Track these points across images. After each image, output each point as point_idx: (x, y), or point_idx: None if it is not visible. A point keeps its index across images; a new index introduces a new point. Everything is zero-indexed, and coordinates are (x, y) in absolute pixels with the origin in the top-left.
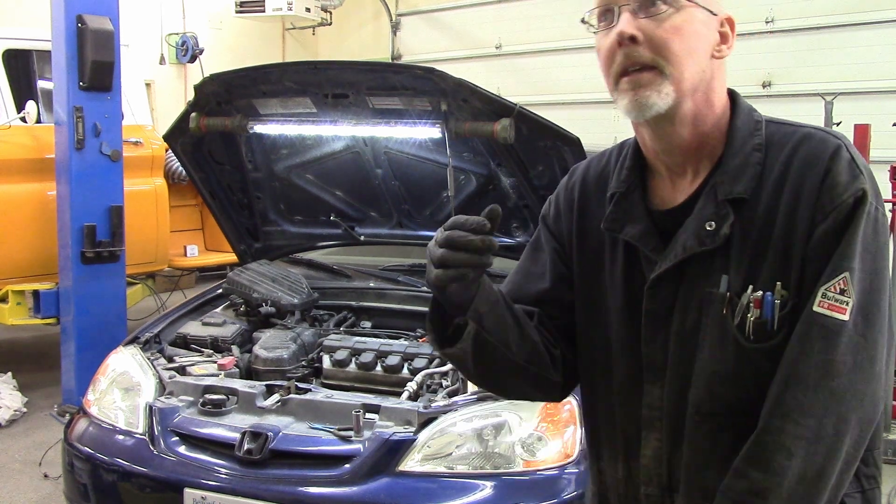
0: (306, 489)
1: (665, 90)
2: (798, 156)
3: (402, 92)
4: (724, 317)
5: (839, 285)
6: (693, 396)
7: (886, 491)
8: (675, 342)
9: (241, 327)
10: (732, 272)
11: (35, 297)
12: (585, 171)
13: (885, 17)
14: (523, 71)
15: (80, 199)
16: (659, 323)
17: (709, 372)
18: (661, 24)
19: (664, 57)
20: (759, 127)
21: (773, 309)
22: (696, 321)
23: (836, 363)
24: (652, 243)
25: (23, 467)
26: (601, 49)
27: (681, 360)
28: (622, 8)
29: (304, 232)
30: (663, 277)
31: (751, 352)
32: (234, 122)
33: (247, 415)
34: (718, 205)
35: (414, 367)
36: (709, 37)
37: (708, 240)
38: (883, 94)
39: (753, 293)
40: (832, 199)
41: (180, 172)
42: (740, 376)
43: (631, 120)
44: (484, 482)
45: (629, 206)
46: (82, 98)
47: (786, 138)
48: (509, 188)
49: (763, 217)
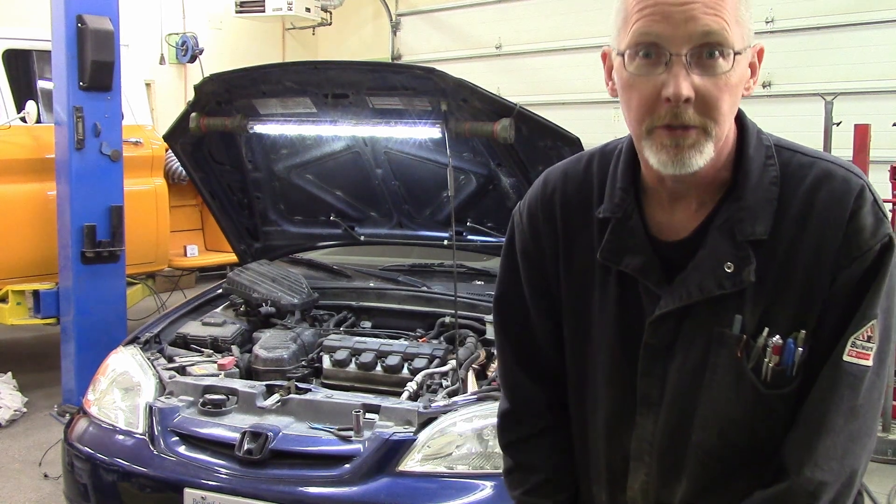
0: (306, 489)
1: (707, 149)
2: (820, 195)
3: (402, 92)
4: (737, 360)
5: (867, 333)
6: (699, 438)
7: (886, 491)
8: (676, 378)
9: (241, 327)
10: (747, 313)
11: (35, 297)
12: (563, 180)
13: (885, 17)
14: (523, 71)
15: (80, 199)
16: (658, 357)
17: (721, 417)
18: (716, 83)
19: (713, 119)
20: (770, 154)
21: (794, 357)
22: (701, 359)
23: (858, 407)
24: (656, 277)
25: (23, 467)
26: (636, 93)
27: (681, 396)
28: (675, 57)
29: (304, 232)
30: (669, 314)
31: (767, 397)
32: (234, 122)
33: (247, 415)
34: (738, 245)
35: (414, 367)
36: (746, 79)
37: (727, 283)
38: (883, 94)
39: (770, 337)
40: (859, 246)
41: (180, 172)
42: (754, 420)
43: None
44: (484, 482)
45: (627, 233)
46: (82, 98)
47: (802, 171)
48: (509, 188)
49: (782, 258)
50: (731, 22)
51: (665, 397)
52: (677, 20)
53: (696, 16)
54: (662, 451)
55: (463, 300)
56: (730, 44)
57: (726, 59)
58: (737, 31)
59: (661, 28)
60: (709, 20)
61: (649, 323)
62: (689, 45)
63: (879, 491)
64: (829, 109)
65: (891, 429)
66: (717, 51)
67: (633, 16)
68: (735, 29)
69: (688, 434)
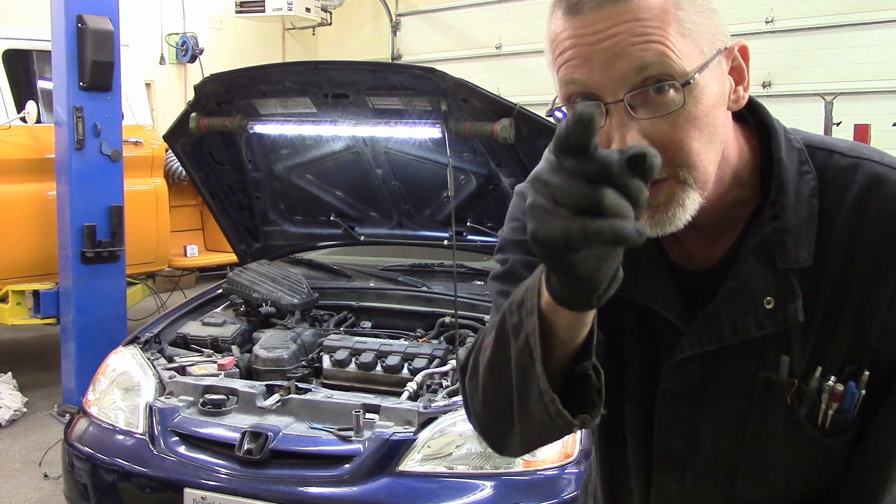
0: (306, 489)
1: (689, 200)
2: (870, 207)
3: (402, 92)
4: (788, 407)
5: None
6: (748, 497)
7: None
8: (711, 432)
9: (241, 327)
10: (796, 353)
11: (35, 297)
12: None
13: (885, 17)
14: (523, 71)
15: (80, 199)
16: (680, 406)
17: (775, 472)
18: (673, 122)
19: (684, 164)
20: (804, 159)
21: (857, 400)
22: (743, 410)
23: None
24: (677, 309)
25: (23, 467)
26: None
27: (718, 452)
28: (612, 105)
29: (304, 232)
30: (700, 356)
31: (827, 446)
32: (234, 122)
33: (247, 415)
34: (779, 275)
35: (414, 367)
36: (724, 93)
37: (768, 322)
38: (883, 94)
39: (824, 381)
40: None
41: (180, 172)
42: (812, 471)
43: None
44: (484, 482)
45: (642, 259)
46: (82, 98)
47: (844, 177)
48: (509, 188)
49: (832, 285)
50: (675, 41)
51: (696, 456)
52: (601, 61)
53: (623, 50)
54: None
55: (463, 300)
56: (676, 71)
57: (678, 90)
58: (686, 47)
59: (586, 75)
60: (638, 52)
61: (669, 365)
62: (624, 89)
63: None
64: (829, 109)
65: None
66: (662, 85)
67: (556, 61)
68: (683, 47)
69: (729, 495)
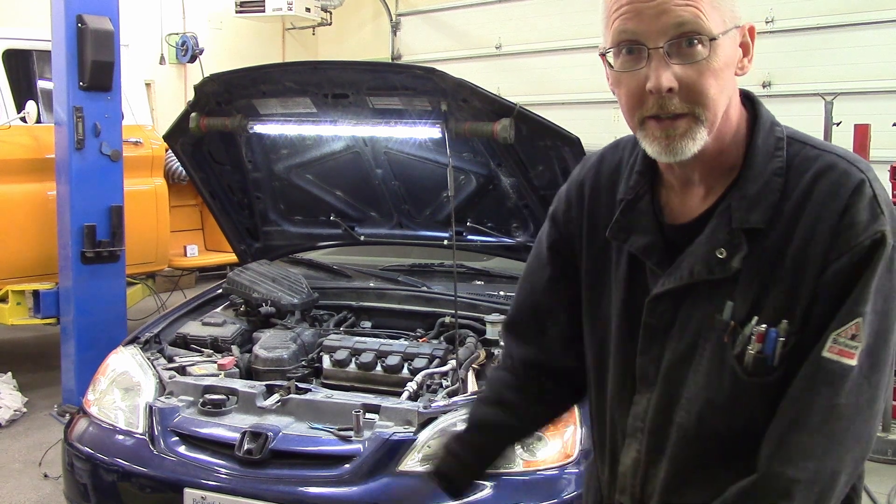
0: (306, 489)
1: (699, 135)
2: (818, 187)
3: (402, 92)
4: (724, 345)
5: (851, 331)
6: (681, 419)
7: (886, 491)
8: (669, 359)
9: (241, 327)
10: (738, 300)
11: (35, 297)
12: (598, 163)
13: (885, 17)
14: (523, 71)
15: (80, 199)
16: (657, 337)
17: (701, 399)
18: (698, 70)
19: (701, 104)
20: (780, 146)
21: (776, 345)
22: (693, 342)
23: (839, 407)
24: (657, 257)
25: (23, 467)
26: (624, 89)
27: (671, 377)
28: (652, 51)
29: (304, 232)
30: (665, 294)
31: (747, 385)
32: (234, 122)
33: (247, 415)
34: (732, 233)
35: (414, 367)
36: (735, 58)
37: (717, 269)
38: (883, 94)
39: (757, 326)
40: (848, 240)
41: (180, 172)
42: (732, 407)
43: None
44: (484, 482)
45: (637, 214)
46: (82, 98)
47: (807, 164)
48: (509, 188)
49: (775, 247)
50: (706, 8)
51: (658, 377)
52: (650, 15)
53: (668, 9)
54: (652, 430)
55: (463, 300)
56: (706, 31)
57: (704, 45)
58: (714, 16)
59: (636, 25)
60: (680, 11)
61: (647, 302)
62: (664, 38)
63: (879, 491)
64: (829, 109)
65: (891, 429)
66: (694, 39)
67: (612, 16)
68: (712, 14)
69: (673, 414)
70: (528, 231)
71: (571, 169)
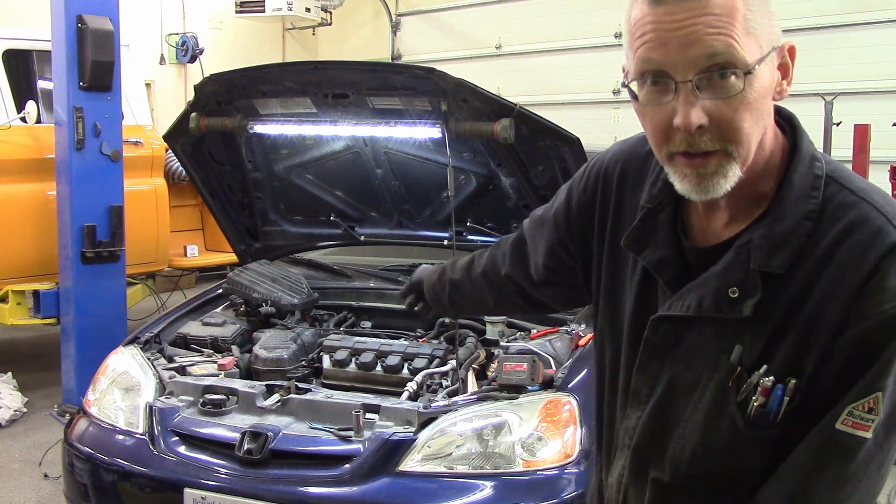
0: (306, 489)
1: (731, 172)
2: (849, 241)
3: (402, 92)
4: (727, 390)
5: (868, 404)
6: (674, 451)
7: (886, 491)
8: (668, 385)
9: (241, 327)
10: (748, 345)
11: (35, 297)
12: (629, 154)
13: (885, 17)
14: (523, 71)
15: (80, 199)
16: (656, 356)
17: (697, 438)
18: (730, 104)
19: (734, 141)
20: (817, 185)
21: (781, 404)
22: (697, 376)
23: (848, 476)
24: (668, 275)
25: (23, 467)
26: (650, 122)
27: (667, 404)
28: (681, 84)
29: (304, 232)
30: (669, 318)
31: (744, 435)
32: (234, 122)
33: (247, 415)
34: (748, 273)
35: (414, 367)
36: (773, 83)
37: (726, 308)
38: (883, 94)
39: (765, 377)
40: (872, 306)
41: (180, 172)
42: (729, 452)
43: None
44: (484, 482)
45: (655, 226)
46: (82, 98)
47: (842, 211)
48: (509, 188)
49: (793, 297)
50: (741, 36)
51: (652, 398)
52: (678, 46)
53: (698, 38)
54: (637, 448)
55: None
56: (740, 62)
57: (739, 77)
58: (749, 44)
59: (662, 55)
60: (712, 41)
61: (651, 319)
62: (694, 71)
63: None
64: (829, 109)
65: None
66: (727, 72)
67: (635, 41)
68: (746, 42)
69: (665, 441)
70: None
71: (571, 169)
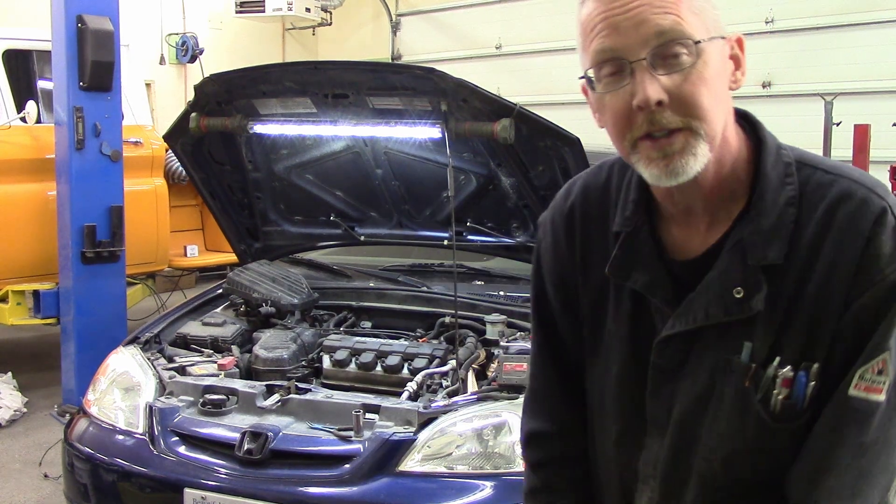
0: (306, 489)
1: (701, 151)
2: (837, 218)
3: (402, 92)
4: (745, 390)
5: (877, 366)
6: (701, 468)
7: None
8: (682, 403)
9: (241, 327)
10: (758, 341)
11: (35, 297)
12: (584, 191)
13: (885, 17)
14: (523, 71)
15: (80, 199)
16: (666, 378)
17: (726, 447)
18: (686, 78)
19: (696, 116)
20: (790, 172)
21: (806, 390)
22: (708, 386)
23: (868, 443)
24: (663, 294)
25: (23, 467)
26: (609, 111)
27: (685, 423)
28: (635, 64)
29: (304, 232)
30: (676, 336)
31: (774, 430)
32: (234, 122)
33: (247, 415)
34: (748, 270)
35: (414, 367)
36: (726, 69)
37: (735, 309)
38: (883, 94)
39: (781, 369)
40: (872, 275)
41: (180, 172)
42: (759, 452)
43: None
44: (484, 482)
45: (636, 248)
46: (82, 98)
47: (821, 191)
48: (509, 188)
49: (794, 283)
50: (686, 14)
51: (671, 421)
52: (627, 27)
53: (646, 18)
54: (665, 475)
55: (463, 300)
56: (688, 35)
57: (690, 51)
58: (695, 22)
59: (614, 40)
60: (659, 19)
61: (656, 343)
62: (646, 49)
63: None
64: (829, 109)
65: None
66: (677, 46)
67: (588, 37)
68: (692, 20)
69: (690, 460)
70: (528, 231)
71: (571, 169)
